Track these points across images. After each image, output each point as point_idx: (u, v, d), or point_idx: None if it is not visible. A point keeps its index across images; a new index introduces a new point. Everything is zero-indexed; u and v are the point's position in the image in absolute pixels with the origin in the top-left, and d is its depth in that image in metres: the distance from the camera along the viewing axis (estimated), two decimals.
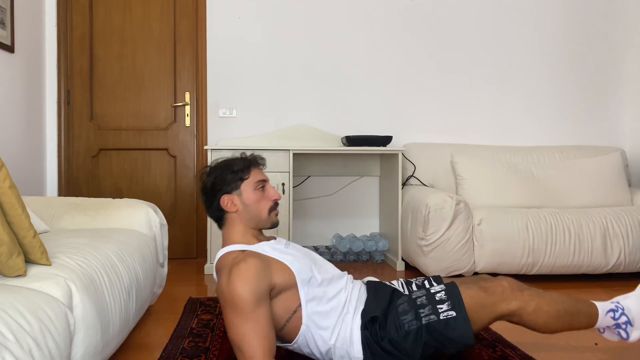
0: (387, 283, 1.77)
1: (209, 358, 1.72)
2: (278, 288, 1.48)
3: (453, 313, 1.46)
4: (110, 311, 1.46)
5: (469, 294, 1.52)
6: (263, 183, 1.65)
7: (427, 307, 1.49)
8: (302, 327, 1.51)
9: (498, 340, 1.89)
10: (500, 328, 2.03)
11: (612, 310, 1.59)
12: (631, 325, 1.59)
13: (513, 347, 1.81)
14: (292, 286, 1.50)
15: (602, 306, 1.59)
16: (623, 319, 1.58)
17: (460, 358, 1.72)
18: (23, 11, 3.11)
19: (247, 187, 1.62)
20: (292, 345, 1.56)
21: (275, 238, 1.70)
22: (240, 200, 1.61)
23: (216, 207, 1.63)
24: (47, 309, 1.12)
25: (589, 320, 1.57)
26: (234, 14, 3.52)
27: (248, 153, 1.72)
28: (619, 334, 1.60)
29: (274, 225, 1.67)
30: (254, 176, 1.64)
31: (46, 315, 1.10)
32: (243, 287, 1.38)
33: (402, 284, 1.75)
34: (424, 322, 1.46)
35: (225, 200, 1.60)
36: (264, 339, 1.38)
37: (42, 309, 1.10)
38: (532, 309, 1.50)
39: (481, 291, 1.52)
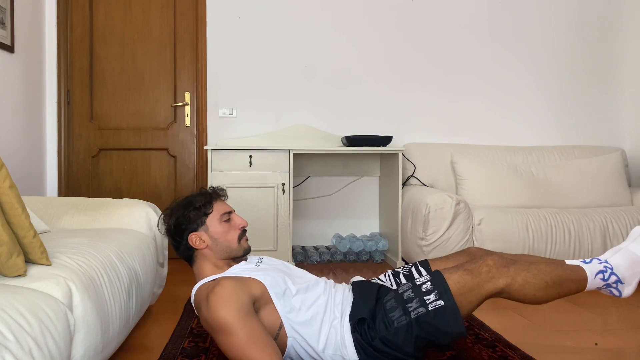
0: (375, 279, 1.77)
1: (209, 358, 1.72)
2: (258, 303, 1.48)
3: (441, 302, 1.45)
4: (110, 311, 1.46)
5: (454, 280, 1.50)
6: (228, 215, 1.67)
7: (415, 300, 1.48)
8: (289, 340, 1.51)
9: (498, 340, 1.88)
10: (500, 328, 2.03)
11: (601, 271, 1.56)
12: (622, 283, 1.57)
13: (513, 347, 1.81)
14: (269, 301, 1.51)
15: (591, 269, 1.57)
16: (613, 278, 1.56)
17: (461, 358, 1.72)
18: (23, 11, 3.11)
19: (213, 221, 1.64)
20: (286, 359, 1.56)
21: (246, 259, 1.70)
22: (208, 236, 1.63)
23: (185, 247, 1.64)
24: (47, 309, 1.12)
25: (578, 285, 1.56)
26: (234, 14, 3.52)
27: (208, 187, 1.74)
28: (611, 292, 1.59)
29: (247, 252, 1.69)
30: (217, 209, 1.66)
31: (46, 315, 1.10)
32: (224, 309, 1.38)
33: (389, 276, 1.74)
34: (412, 316, 1.45)
35: (193, 238, 1.62)
36: (265, 345, 1.38)
37: (42, 309, 1.10)
38: (519, 285, 1.50)
39: (466, 274, 1.51)
